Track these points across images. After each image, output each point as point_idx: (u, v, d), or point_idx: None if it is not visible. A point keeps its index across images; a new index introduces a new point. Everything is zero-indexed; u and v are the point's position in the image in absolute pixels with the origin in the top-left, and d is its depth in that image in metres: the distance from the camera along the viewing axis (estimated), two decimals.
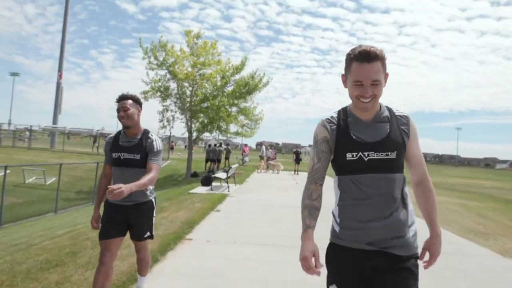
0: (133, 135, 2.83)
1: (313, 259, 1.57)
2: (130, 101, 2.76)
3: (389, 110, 1.67)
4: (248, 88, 18.43)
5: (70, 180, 19.34)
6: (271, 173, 20.54)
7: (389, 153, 1.57)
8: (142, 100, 2.93)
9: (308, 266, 1.56)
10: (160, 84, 18.52)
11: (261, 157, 23.66)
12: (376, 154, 1.56)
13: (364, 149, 1.57)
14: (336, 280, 1.61)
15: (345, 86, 1.63)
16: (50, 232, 6.22)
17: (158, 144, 2.84)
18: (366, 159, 1.56)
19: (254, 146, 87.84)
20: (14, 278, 3.37)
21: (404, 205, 1.60)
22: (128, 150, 2.78)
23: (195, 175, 18.99)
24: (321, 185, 1.69)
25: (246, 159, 26.68)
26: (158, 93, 18.65)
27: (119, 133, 2.91)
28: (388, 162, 1.57)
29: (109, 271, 2.70)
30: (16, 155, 23.90)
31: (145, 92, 18.40)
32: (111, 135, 2.95)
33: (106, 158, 2.91)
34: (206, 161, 21.46)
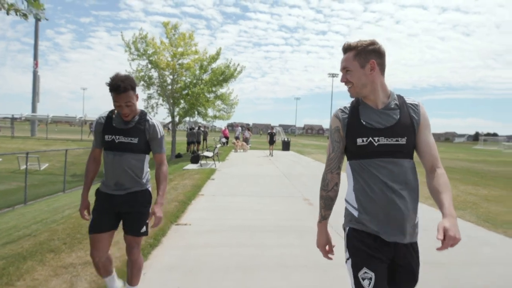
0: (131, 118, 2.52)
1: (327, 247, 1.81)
2: (131, 93, 2.40)
3: (400, 98, 1.73)
4: (224, 76, 20.64)
5: (63, 166, 20.86)
6: (242, 152, 22.91)
7: (399, 138, 1.62)
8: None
9: (324, 253, 1.82)
10: (143, 73, 20.32)
11: (237, 138, 26.09)
12: (386, 140, 1.61)
13: (374, 134, 1.63)
14: (366, 263, 1.62)
15: None
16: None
17: (160, 129, 2.60)
18: (376, 144, 1.62)
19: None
20: None
21: (415, 191, 1.64)
22: (124, 133, 2.47)
23: (179, 156, 21.16)
24: (338, 173, 1.77)
25: (223, 140, 29.06)
26: (142, 82, 20.47)
27: (111, 112, 2.55)
28: (397, 147, 1.62)
29: (107, 262, 2.57)
30: (3, 144, 24.94)
31: None
32: (102, 115, 2.55)
33: (96, 141, 2.57)
34: (188, 143, 23.59)
